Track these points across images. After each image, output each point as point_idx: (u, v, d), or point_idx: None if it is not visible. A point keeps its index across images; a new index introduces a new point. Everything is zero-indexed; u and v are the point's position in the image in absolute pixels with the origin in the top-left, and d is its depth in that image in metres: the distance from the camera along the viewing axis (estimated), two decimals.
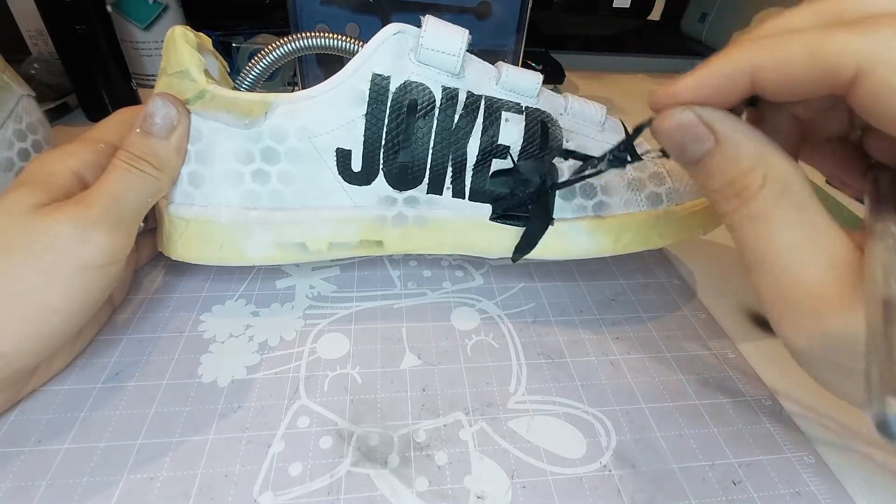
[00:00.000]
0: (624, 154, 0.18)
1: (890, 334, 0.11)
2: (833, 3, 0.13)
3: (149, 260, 0.27)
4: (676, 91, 0.15)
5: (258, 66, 0.24)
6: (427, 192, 0.23)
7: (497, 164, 0.23)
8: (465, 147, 0.23)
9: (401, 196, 0.24)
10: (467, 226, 0.24)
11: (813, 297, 0.13)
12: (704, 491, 0.18)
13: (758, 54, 0.13)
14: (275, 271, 0.28)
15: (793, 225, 0.14)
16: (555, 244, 0.24)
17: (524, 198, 0.23)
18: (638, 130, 0.17)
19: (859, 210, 0.38)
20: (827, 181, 0.44)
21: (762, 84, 0.13)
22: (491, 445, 0.19)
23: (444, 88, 0.22)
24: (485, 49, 0.39)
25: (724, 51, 0.14)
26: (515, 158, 0.23)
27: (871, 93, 0.11)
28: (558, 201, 0.24)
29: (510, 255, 0.25)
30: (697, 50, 0.77)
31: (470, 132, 0.23)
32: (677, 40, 0.78)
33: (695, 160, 0.15)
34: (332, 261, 0.28)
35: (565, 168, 0.24)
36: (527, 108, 0.23)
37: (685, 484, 0.19)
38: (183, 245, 0.23)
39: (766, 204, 0.14)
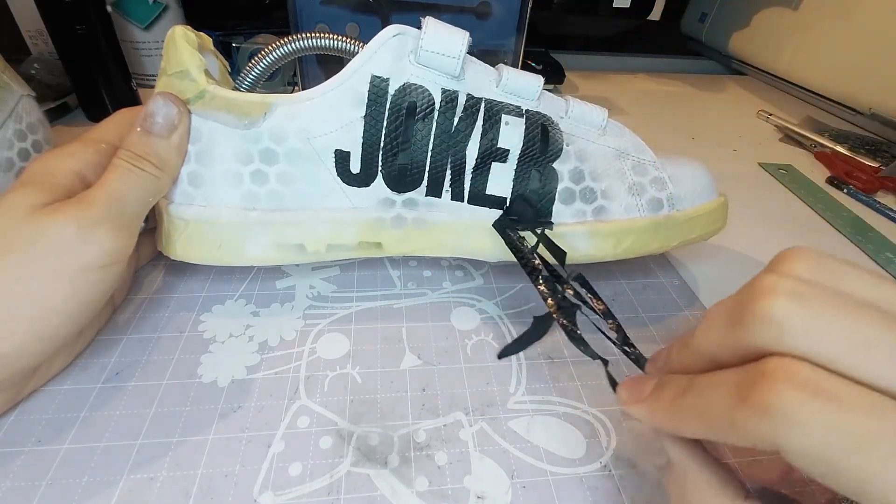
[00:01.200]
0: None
1: None
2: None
3: (149, 260, 0.27)
4: (639, 417, 0.15)
5: (258, 67, 0.24)
6: (426, 195, 0.23)
7: (496, 168, 0.23)
8: (465, 150, 0.23)
9: (399, 198, 0.24)
10: (466, 229, 0.24)
11: None
12: None
13: (685, 423, 0.13)
14: (275, 271, 0.28)
15: None
16: (554, 249, 0.24)
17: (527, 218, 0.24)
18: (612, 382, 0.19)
19: (860, 210, 0.38)
20: (827, 181, 0.44)
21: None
22: (491, 445, 0.19)
23: (444, 91, 0.22)
24: (485, 49, 0.39)
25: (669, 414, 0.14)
26: (516, 162, 0.23)
27: (794, 462, 0.11)
28: (558, 205, 0.24)
29: (508, 260, 0.25)
30: (697, 50, 0.77)
31: (469, 135, 0.23)
32: (677, 40, 0.78)
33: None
34: (333, 261, 0.28)
35: (565, 172, 0.24)
36: (527, 111, 0.23)
37: None
38: (183, 245, 0.23)
39: None
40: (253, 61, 0.24)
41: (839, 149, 0.47)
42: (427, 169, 0.23)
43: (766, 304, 0.11)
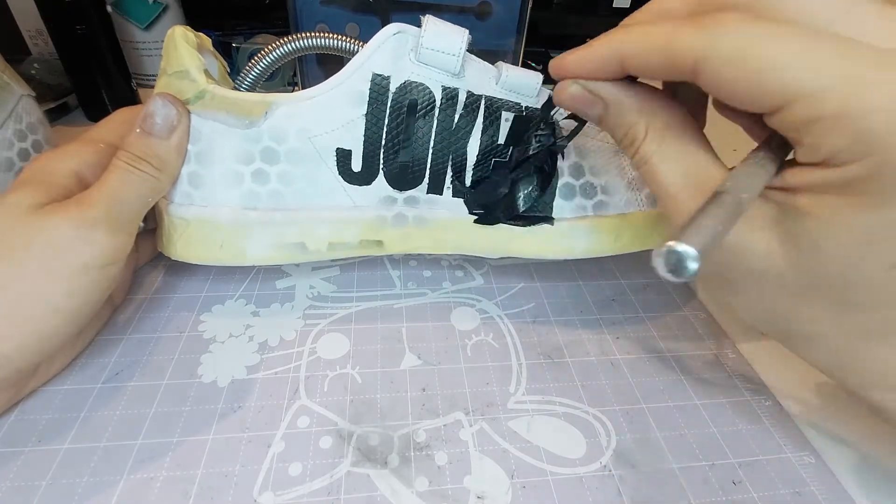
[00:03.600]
0: (546, 132, 0.20)
1: (706, 209, 0.12)
2: None
3: (149, 260, 0.27)
4: (565, 67, 0.17)
5: (258, 67, 0.24)
6: (427, 192, 0.23)
7: (497, 164, 0.23)
8: (465, 147, 0.23)
9: (401, 196, 0.24)
10: (467, 226, 0.24)
11: (676, 207, 0.16)
12: (704, 491, 0.18)
13: (625, 44, 0.15)
14: (275, 271, 0.28)
15: (672, 159, 0.16)
16: (555, 244, 0.24)
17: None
18: (547, 106, 0.21)
19: None
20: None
21: (630, 69, 0.16)
22: (491, 445, 0.19)
23: (445, 88, 0.22)
24: (485, 49, 0.39)
25: (605, 34, 0.16)
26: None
27: (708, 82, 0.14)
28: (558, 201, 0.24)
29: (508, 258, 0.25)
30: None
31: (470, 132, 0.23)
32: None
33: (595, 121, 0.18)
34: (332, 261, 0.28)
35: (565, 168, 0.24)
36: (527, 108, 0.23)
37: (685, 484, 0.19)
38: (183, 245, 0.23)
39: (649, 148, 0.17)
40: (253, 61, 0.24)
41: None
42: (428, 166, 0.23)
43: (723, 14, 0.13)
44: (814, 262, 0.14)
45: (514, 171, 0.23)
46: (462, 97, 0.22)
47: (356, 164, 0.23)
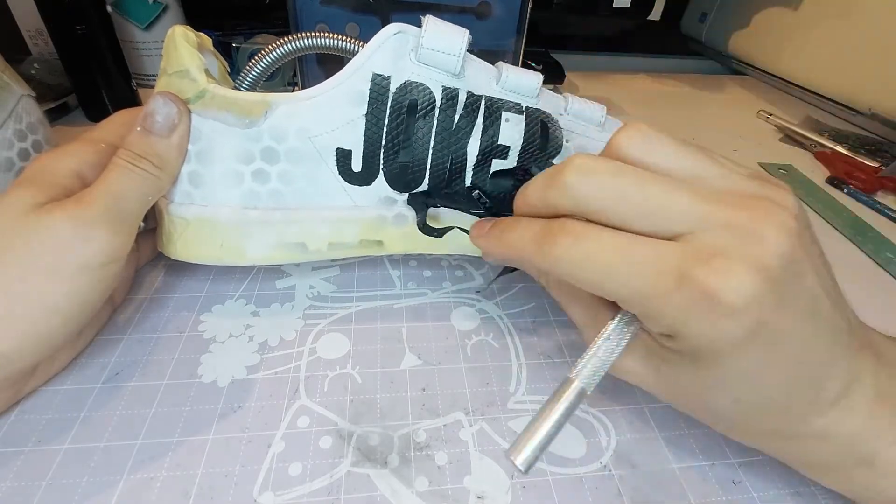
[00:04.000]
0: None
1: (549, 406, 0.15)
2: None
3: (149, 260, 0.27)
4: (478, 246, 0.21)
5: (258, 66, 0.24)
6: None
7: (497, 165, 0.23)
8: (466, 147, 0.23)
9: (401, 196, 0.24)
10: (467, 226, 0.24)
11: (584, 335, 0.20)
12: (704, 491, 0.18)
13: (502, 248, 0.19)
14: (275, 271, 0.28)
15: (570, 304, 0.20)
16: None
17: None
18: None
19: (860, 210, 0.38)
20: (827, 181, 0.44)
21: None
22: (491, 445, 0.19)
23: (445, 88, 0.22)
24: (485, 49, 0.39)
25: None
26: (516, 158, 0.23)
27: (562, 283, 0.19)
28: None
29: None
30: (697, 50, 0.77)
31: (470, 132, 0.23)
32: (677, 40, 0.78)
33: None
34: (332, 261, 0.28)
35: None
36: (527, 108, 0.23)
37: (685, 484, 0.19)
38: (183, 245, 0.23)
39: (554, 293, 0.21)
40: (253, 61, 0.24)
41: (839, 149, 0.47)
42: (428, 167, 0.23)
43: (564, 176, 0.15)
44: (673, 394, 0.17)
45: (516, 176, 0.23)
46: (462, 97, 0.22)
47: (356, 164, 0.23)
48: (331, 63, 0.38)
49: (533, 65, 0.55)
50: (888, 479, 0.15)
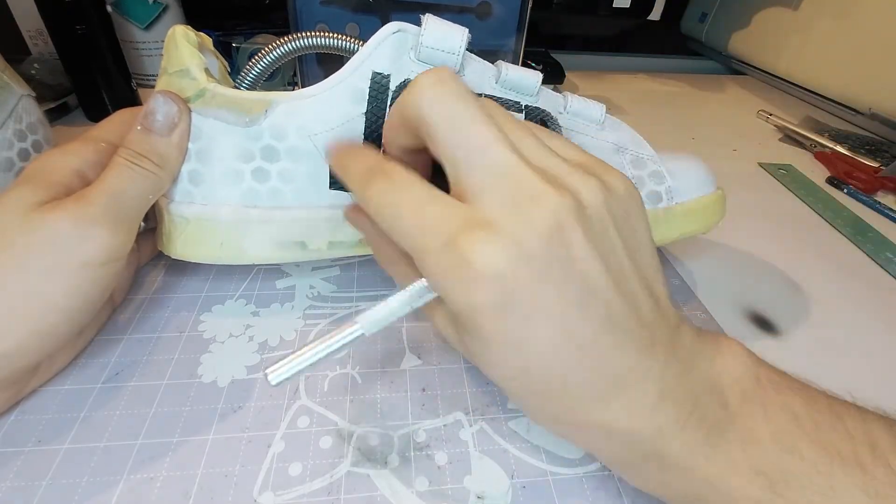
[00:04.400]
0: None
1: (326, 337, 0.16)
2: None
3: (149, 260, 0.27)
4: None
5: (258, 66, 0.24)
6: None
7: None
8: None
9: None
10: None
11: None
12: None
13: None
14: (275, 271, 0.28)
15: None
16: None
17: None
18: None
19: (859, 210, 0.38)
20: (827, 181, 0.44)
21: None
22: (491, 445, 0.19)
23: None
24: (485, 49, 0.39)
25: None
26: None
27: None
28: None
29: None
30: (697, 50, 0.77)
31: None
32: (677, 40, 0.78)
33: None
34: (332, 261, 0.28)
35: None
36: (526, 106, 0.23)
37: None
38: (183, 244, 0.23)
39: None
40: (253, 60, 0.24)
41: (839, 149, 0.47)
42: None
43: (419, 79, 0.15)
44: (474, 362, 0.16)
45: None
46: None
47: None
48: (331, 63, 0.38)
49: (533, 65, 0.55)
50: (672, 471, 0.15)
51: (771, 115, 0.53)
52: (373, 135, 0.22)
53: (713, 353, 0.16)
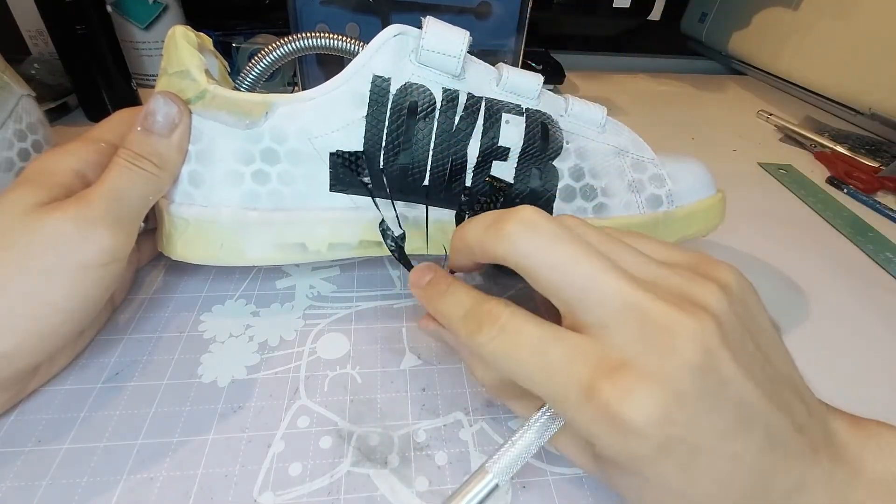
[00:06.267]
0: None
1: (465, 487, 0.15)
2: None
3: (149, 260, 0.27)
4: (417, 296, 0.19)
5: (258, 67, 0.24)
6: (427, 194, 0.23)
7: (497, 166, 0.23)
8: (466, 149, 0.23)
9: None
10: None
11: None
12: None
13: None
14: (275, 271, 0.28)
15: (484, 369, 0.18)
16: None
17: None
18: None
19: (859, 210, 0.38)
20: (827, 181, 0.44)
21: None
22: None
23: (445, 90, 0.22)
24: (485, 49, 0.39)
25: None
26: (516, 160, 0.23)
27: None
28: (558, 203, 0.24)
29: None
30: (697, 50, 0.77)
31: (470, 134, 0.23)
32: (677, 40, 0.78)
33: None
34: (332, 261, 0.28)
35: (565, 170, 0.24)
36: (527, 109, 0.23)
37: None
38: (183, 245, 0.23)
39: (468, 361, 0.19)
40: (253, 61, 0.24)
41: (839, 149, 0.47)
42: (428, 168, 0.23)
43: (507, 225, 0.15)
44: (612, 485, 0.16)
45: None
46: (462, 99, 0.22)
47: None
48: (331, 64, 0.38)
49: (533, 65, 0.55)
50: None
51: (771, 115, 0.53)
52: (373, 139, 0.22)
53: (876, 446, 0.15)
